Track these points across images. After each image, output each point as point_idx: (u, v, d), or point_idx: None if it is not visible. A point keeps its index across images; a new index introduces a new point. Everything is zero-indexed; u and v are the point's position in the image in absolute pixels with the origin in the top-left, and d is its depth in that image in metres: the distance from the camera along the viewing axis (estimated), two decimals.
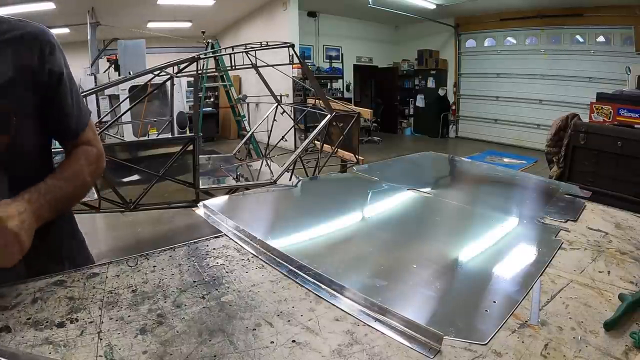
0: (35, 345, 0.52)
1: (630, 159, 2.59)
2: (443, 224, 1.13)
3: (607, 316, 0.61)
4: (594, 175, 2.76)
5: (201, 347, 0.53)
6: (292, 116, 4.63)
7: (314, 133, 3.21)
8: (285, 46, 3.30)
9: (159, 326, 0.57)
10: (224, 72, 5.39)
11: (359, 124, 3.98)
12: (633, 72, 3.98)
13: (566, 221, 1.02)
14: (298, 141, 5.92)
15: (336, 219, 1.10)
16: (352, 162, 3.34)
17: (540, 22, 7.22)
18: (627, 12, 5.97)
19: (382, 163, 1.93)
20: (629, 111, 2.82)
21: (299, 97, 7.16)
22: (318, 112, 3.47)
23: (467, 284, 0.78)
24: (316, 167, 3.37)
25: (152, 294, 0.65)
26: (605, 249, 0.87)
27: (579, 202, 1.19)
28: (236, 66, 3.45)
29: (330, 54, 8.96)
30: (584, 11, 6.55)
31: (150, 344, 0.53)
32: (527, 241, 0.95)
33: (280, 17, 7.42)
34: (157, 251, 0.80)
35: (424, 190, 1.31)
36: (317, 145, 3.49)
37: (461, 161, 1.93)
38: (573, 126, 2.88)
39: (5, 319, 0.57)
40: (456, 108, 9.08)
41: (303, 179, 1.89)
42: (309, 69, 4.30)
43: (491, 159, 6.56)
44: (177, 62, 2.87)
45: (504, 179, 1.59)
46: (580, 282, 0.73)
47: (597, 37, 6.62)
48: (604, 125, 2.87)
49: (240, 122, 5.90)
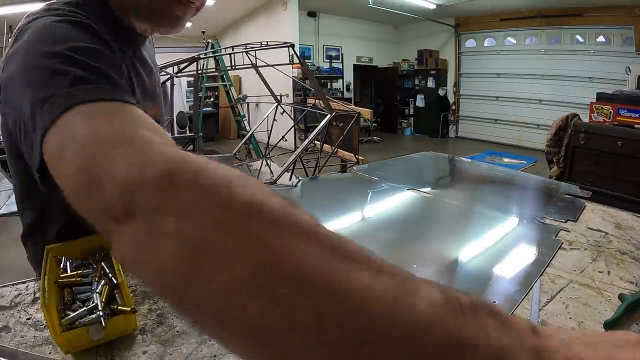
0: (35, 345, 0.52)
1: (630, 159, 2.59)
2: (443, 224, 1.13)
3: (607, 316, 0.61)
4: (594, 175, 2.76)
5: (201, 347, 0.53)
6: (292, 116, 4.63)
7: (314, 133, 3.21)
8: (285, 46, 3.30)
9: (159, 326, 0.57)
10: (224, 72, 5.39)
11: (359, 124, 3.98)
12: (633, 72, 3.98)
13: (566, 221, 1.02)
14: (298, 141, 5.92)
15: (336, 219, 1.10)
16: (352, 162, 3.34)
17: (540, 22, 7.21)
18: (627, 12, 5.97)
19: (382, 163, 1.93)
20: (629, 111, 2.82)
21: (299, 97, 7.16)
22: (318, 112, 3.47)
23: (467, 284, 0.77)
24: (316, 167, 3.36)
25: (152, 294, 0.65)
26: (605, 249, 0.87)
27: (579, 202, 1.19)
28: (236, 66, 3.45)
29: (330, 54, 8.95)
30: (584, 11, 6.55)
31: (150, 344, 0.53)
32: (527, 241, 0.95)
33: (280, 17, 7.42)
34: None
35: (424, 190, 1.31)
36: (317, 145, 3.49)
37: (461, 161, 1.93)
38: (573, 126, 2.88)
39: (5, 319, 0.57)
40: (456, 108, 9.08)
41: (303, 179, 1.89)
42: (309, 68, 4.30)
43: (491, 159, 6.56)
44: (177, 62, 2.87)
45: (504, 179, 1.59)
46: (580, 282, 0.73)
47: (597, 37, 6.61)
48: (604, 125, 2.87)
49: (240, 122, 5.90)
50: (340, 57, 9.04)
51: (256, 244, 0.21)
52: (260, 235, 0.22)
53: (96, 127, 0.33)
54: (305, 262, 0.21)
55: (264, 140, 4.47)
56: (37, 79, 0.40)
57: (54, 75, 0.39)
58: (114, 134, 0.31)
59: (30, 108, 0.39)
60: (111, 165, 0.27)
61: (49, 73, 0.39)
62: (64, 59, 0.41)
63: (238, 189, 0.24)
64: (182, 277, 0.21)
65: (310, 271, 0.20)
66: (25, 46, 0.44)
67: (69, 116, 0.35)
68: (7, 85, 0.45)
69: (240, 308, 0.20)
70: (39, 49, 0.42)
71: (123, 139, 0.30)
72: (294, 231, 0.22)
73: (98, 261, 0.62)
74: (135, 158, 0.27)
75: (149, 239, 0.23)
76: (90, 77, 0.39)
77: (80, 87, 0.37)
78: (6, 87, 0.45)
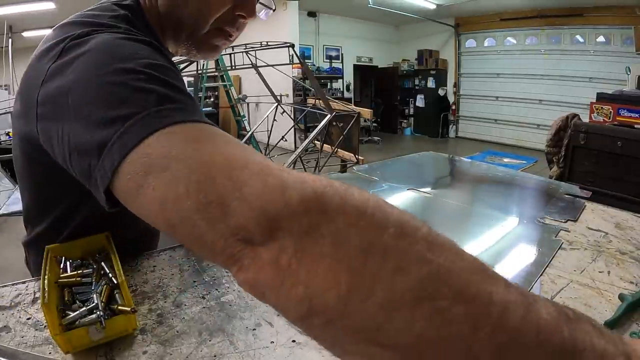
0: (35, 345, 0.52)
1: (630, 159, 2.59)
2: (443, 224, 1.13)
3: (607, 316, 0.61)
4: (594, 175, 2.76)
5: (201, 347, 0.53)
6: (292, 116, 4.63)
7: (314, 133, 3.21)
8: (285, 46, 3.31)
9: (159, 326, 0.57)
10: (224, 72, 5.39)
11: (359, 124, 3.99)
12: (633, 72, 3.98)
13: (566, 221, 1.02)
14: (298, 141, 5.93)
15: None
16: (352, 162, 3.34)
17: (540, 22, 7.22)
18: (627, 12, 5.98)
19: (382, 163, 1.93)
20: (629, 111, 2.82)
21: (299, 97, 7.16)
22: (318, 112, 3.47)
23: None
24: (316, 167, 3.37)
25: (152, 294, 0.65)
26: (605, 249, 0.87)
27: (579, 202, 1.19)
28: (236, 66, 3.45)
29: (330, 54, 8.96)
30: (584, 11, 6.56)
31: (150, 344, 0.53)
32: (527, 241, 0.95)
33: (280, 17, 7.42)
34: (157, 251, 0.80)
35: (424, 190, 1.31)
36: (317, 145, 3.49)
37: (461, 161, 1.93)
38: (573, 126, 2.88)
39: (5, 319, 0.57)
40: (456, 108, 9.08)
41: None
42: (309, 68, 4.30)
43: (491, 159, 6.56)
44: (177, 62, 2.87)
45: (504, 179, 1.59)
46: (580, 282, 0.73)
47: (597, 37, 6.62)
48: (604, 125, 2.87)
49: (240, 122, 5.91)
50: (340, 57, 9.04)
51: (414, 261, 0.23)
52: (417, 252, 0.23)
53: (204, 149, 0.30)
54: (458, 275, 0.23)
55: (264, 140, 4.47)
56: (111, 96, 0.36)
57: (135, 92, 0.35)
58: (228, 156, 0.29)
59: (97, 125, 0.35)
60: (241, 187, 0.26)
61: (128, 90, 0.36)
62: (144, 75, 0.37)
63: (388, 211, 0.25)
64: (340, 298, 0.22)
65: (464, 284, 0.22)
66: (88, 60, 0.39)
67: (161, 136, 0.32)
68: (55, 99, 0.40)
69: (402, 321, 0.21)
70: (110, 64, 0.38)
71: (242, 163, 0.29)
72: (443, 248, 0.24)
73: (98, 261, 0.62)
74: (269, 181, 0.26)
75: (299, 260, 0.23)
76: (175, 97, 0.36)
77: (167, 106, 0.34)
78: (52, 102, 0.41)
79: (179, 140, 0.31)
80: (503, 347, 0.21)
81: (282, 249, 0.24)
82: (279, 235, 0.25)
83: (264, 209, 0.25)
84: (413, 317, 0.21)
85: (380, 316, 0.21)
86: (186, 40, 0.58)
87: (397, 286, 0.22)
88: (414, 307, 0.21)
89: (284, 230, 0.24)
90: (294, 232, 0.24)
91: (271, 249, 0.25)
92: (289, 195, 0.25)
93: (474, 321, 0.21)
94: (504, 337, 0.21)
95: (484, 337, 0.21)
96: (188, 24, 0.55)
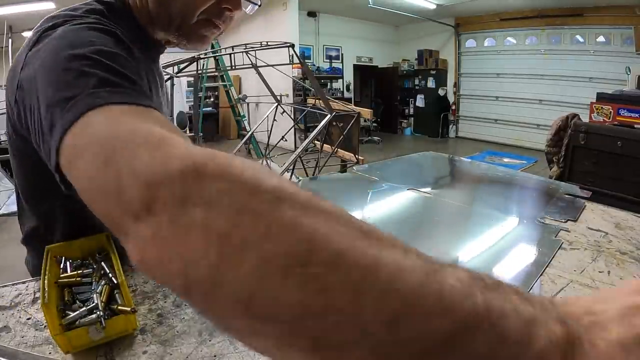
0: (35, 345, 0.52)
1: (630, 159, 2.59)
2: (443, 224, 1.13)
3: None
4: (594, 175, 2.76)
5: (201, 347, 0.53)
6: (292, 116, 4.63)
7: (314, 133, 3.21)
8: (285, 46, 3.31)
9: (159, 326, 0.57)
10: (224, 72, 5.40)
11: (359, 124, 3.99)
12: (633, 72, 3.98)
13: (566, 221, 1.02)
14: (298, 141, 5.93)
15: None
16: (352, 162, 3.34)
17: (540, 22, 7.22)
18: (627, 12, 5.98)
19: (382, 163, 1.93)
20: (629, 111, 2.82)
21: (299, 97, 7.16)
22: (318, 112, 3.47)
23: None
24: (316, 167, 3.37)
25: (152, 294, 0.65)
26: (605, 249, 0.87)
27: (579, 202, 1.19)
28: (236, 66, 3.45)
29: (330, 54, 8.96)
30: (584, 11, 6.55)
31: (150, 344, 0.53)
32: (527, 241, 0.95)
33: (280, 17, 7.42)
34: None
35: (424, 190, 1.31)
36: (317, 145, 3.49)
37: (461, 161, 1.93)
38: (573, 126, 2.88)
39: (5, 319, 0.57)
40: (456, 108, 9.08)
41: (303, 179, 1.89)
42: (309, 68, 4.30)
43: (491, 159, 6.56)
44: (177, 62, 2.87)
45: (504, 179, 1.59)
46: (580, 282, 0.73)
47: (597, 37, 6.62)
48: (604, 125, 2.87)
49: (240, 122, 5.91)
50: (340, 57, 9.04)
51: (286, 225, 0.21)
52: (290, 217, 0.21)
53: (118, 127, 0.31)
54: (337, 241, 0.21)
55: (264, 140, 4.47)
56: (61, 80, 0.39)
57: (79, 76, 0.39)
58: (138, 133, 0.29)
59: (51, 106, 0.38)
60: (132, 161, 0.26)
61: (74, 74, 0.39)
62: (90, 61, 0.40)
63: (265, 178, 0.23)
64: (210, 267, 0.20)
65: (343, 249, 0.20)
66: (49, 48, 0.44)
67: (91, 116, 0.34)
68: (27, 85, 0.45)
69: (273, 289, 0.19)
70: (65, 51, 0.42)
71: (147, 138, 0.28)
72: (322, 215, 0.22)
73: (98, 261, 0.62)
74: (159, 153, 0.26)
75: (172, 232, 0.22)
76: (115, 81, 0.39)
77: (105, 89, 0.37)
78: (25, 87, 0.45)
79: (104, 120, 0.33)
80: (397, 314, 0.19)
81: (159, 223, 0.23)
82: (156, 208, 0.23)
83: (146, 182, 0.24)
84: (285, 285, 0.19)
85: (252, 285, 0.20)
86: (176, 31, 0.61)
87: (266, 252, 0.20)
88: (285, 275, 0.19)
89: (159, 202, 0.23)
90: (167, 203, 0.23)
91: (150, 223, 0.23)
92: (171, 166, 0.24)
93: (356, 287, 0.19)
94: (396, 303, 0.19)
95: (370, 304, 0.19)
96: (176, 15, 0.58)
